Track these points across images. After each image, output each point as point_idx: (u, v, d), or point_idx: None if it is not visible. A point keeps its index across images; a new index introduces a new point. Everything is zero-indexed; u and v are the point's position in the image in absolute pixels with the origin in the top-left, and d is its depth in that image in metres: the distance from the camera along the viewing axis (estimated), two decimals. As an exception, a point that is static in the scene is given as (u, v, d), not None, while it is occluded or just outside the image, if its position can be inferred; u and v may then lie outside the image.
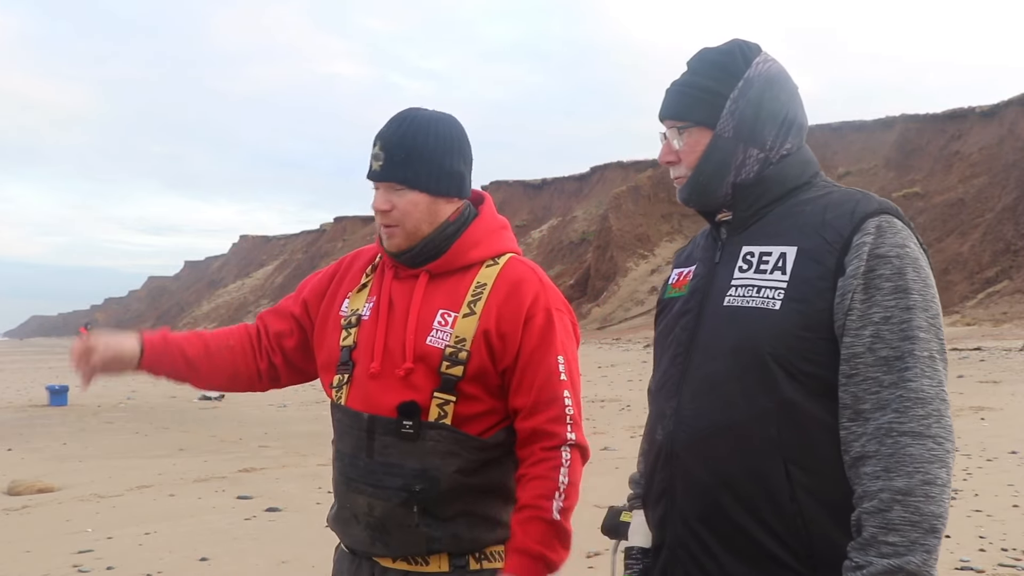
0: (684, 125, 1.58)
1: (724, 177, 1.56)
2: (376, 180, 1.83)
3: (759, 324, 1.45)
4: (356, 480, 1.80)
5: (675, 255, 1.80)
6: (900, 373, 1.37)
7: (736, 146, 1.55)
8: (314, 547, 1.51)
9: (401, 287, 1.87)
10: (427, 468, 1.76)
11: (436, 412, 1.77)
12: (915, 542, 1.31)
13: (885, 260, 1.41)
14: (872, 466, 1.36)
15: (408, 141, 1.82)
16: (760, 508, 1.43)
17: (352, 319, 1.89)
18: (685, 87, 1.60)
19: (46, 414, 15.26)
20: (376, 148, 1.83)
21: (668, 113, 1.61)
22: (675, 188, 1.62)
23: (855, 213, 1.46)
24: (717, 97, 1.56)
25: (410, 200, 1.82)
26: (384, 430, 1.77)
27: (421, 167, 1.82)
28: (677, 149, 1.60)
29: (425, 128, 1.84)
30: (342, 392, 1.85)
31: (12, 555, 5.61)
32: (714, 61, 1.59)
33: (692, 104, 1.58)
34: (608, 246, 58.11)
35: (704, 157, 1.56)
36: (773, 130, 1.56)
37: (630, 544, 1.72)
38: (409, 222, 1.83)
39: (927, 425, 1.35)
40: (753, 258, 1.52)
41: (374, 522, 1.79)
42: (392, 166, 1.81)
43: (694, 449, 1.50)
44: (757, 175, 1.56)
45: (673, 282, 1.70)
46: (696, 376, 1.52)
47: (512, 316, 1.80)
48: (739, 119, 1.55)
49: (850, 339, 1.40)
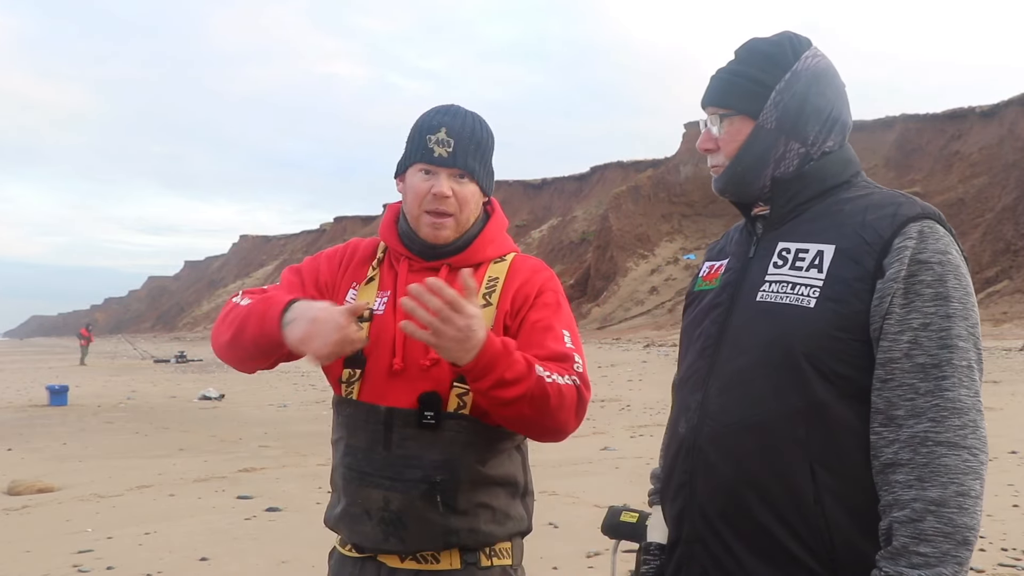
0: (726, 113, 1.56)
1: (763, 169, 1.54)
2: (445, 166, 1.82)
3: (793, 321, 1.43)
4: (372, 474, 1.78)
5: (707, 248, 1.79)
6: (937, 381, 1.35)
7: (777, 138, 1.54)
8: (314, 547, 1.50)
9: (418, 279, 1.78)
10: (448, 459, 1.75)
11: (455, 402, 1.77)
12: (947, 554, 1.30)
13: (927, 266, 1.39)
14: (905, 474, 1.34)
15: (477, 135, 1.85)
16: (783, 508, 1.41)
17: (364, 314, 1.83)
18: (731, 75, 1.58)
19: (46, 414, 15.25)
20: (441, 133, 1.82)
21: (711, 100, 1.59)
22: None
23: (897, 216, 1.44)
24: (762, 88, 1.54)
25: (471, 192, 1.85)
26: (403, 422, 1.76)
27: (482, 162, 1.86)
28: (717, 137, 1.58)
29: (482, 124, 1.88)
30: (353, 387, 1.82)
31: (12, 555, 5.61)
32: (762, 51, 1.57)
33: (736, 92, 1.56)
34: (608, 246, 58.07)
35: (744, 147, 1.55)
36: (816, 126, 1.54)
37: (648, 540, 1.71)
38: (464, 214, 1.85)
39: (963, 436, 1.33)
40: (789, 254, 1.50)
41: (390, 516, 1.77)
42: (464, 154, 1.82)
43: (718, 444, 1.48)
44: (796, 170, 1.54)
45: (704, 275, 1.68)
46: (725, 370, 1.50)
47: (524, 296, 1.83)
48: (783, 111, 1.53)
49: (887, 343, 1.38)
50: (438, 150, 1.81)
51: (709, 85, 1.61)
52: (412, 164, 1.86)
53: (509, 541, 1.85)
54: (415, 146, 1.85)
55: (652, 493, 1.76)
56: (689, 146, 58.44)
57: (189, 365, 34.71)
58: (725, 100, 1.57)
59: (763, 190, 1.56)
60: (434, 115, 1.86)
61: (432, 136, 1.82)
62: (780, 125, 1.53)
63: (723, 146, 1.57)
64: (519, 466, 1.88)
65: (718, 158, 1.59)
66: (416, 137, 1.86)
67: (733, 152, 1.56)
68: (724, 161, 1.58)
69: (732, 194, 1.60)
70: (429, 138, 1.83)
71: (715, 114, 1.58)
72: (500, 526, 1.83)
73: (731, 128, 1.56)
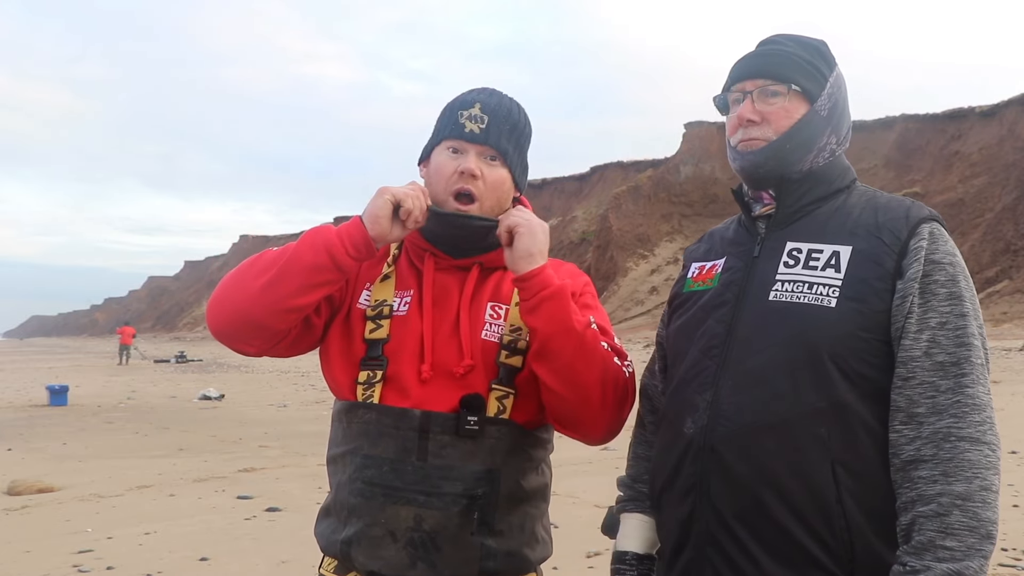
0: (784, 88, 1.52)
1: (806, 154, 1.53)
2: (476, 142, 1.66)
3: (815, 321, 1.42)
4: (401, 489, 1.58)
5: (686, 252, 1.77)
6: (957, 379, 1.37)
7: (826, 128, 1.54)
8: (314, 547, 1.50)
9: (447, 279, 1.70)
10: (490, 469, 1.59)
11: (495, 406, 1.62)
12: (972, 547, 1.30)
13: (940, 266, 1.41)
14: (929, 470, 1.34)
15: (514, 116, 1.70)
16: (803, 508, 1.40)
17: (383, 310, 1.68)
18: (790, 54, 1.54)
19: (46, 414, 15.23)
20: (475, 109, 1.67)
21: (768, 72, 1.53)
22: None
23: (909, 217, 1.46)
24: (819, 75, 1.54)
25: (501, 176, 1.68)
26: (442, 428, 1.58)
27: (517, 147, 1.71)
28: (763, 110, 1.54)
29: (520, 109, 1.73)
30: (374, 390, 1.63)
31: (12, 555, 5.60)
32: (809, 43, 1.58)
33: (798, 70, 1.53)
34: (608, 246, 58.08)
35: (797, 126, 1.52)
36: (846, 128, 1.58)
37: (622, 549, 1.65)
38: (491, 198, 1.68)
39: (983, 431, 1.35)
40: (800, 254, 1.49)
41: (421, 538, 1.57)
42: (498, 133, 1.67)
43: (735, 444, 1.45)
44: (824, 163, 1.55)
45: (694, 276, 1.66)
46: (738, 370, 1.48)
47: None
48: (833, 103, 1.55)
49: (909, 342, 1.39)
50: (470, 125, 1.66)
51: (759, 58, 1.56)
52: (440, 142, 1.70)
53: (535, 573, 1.71)
54: (445, 122, 1.70)
55: (623, 500, 1.71)
56: (689, 146, 58.47)
57: (189, 365, 34.71)
58: (787, 75, 1.53)
59: (798, 174, 1.54)
60: (470, 92, 1.72)
61: (465, 111, 1.68)
62: (830, 116, 1.55)
63: (774, 120, 1.53)
64: (548, 480, 1.75)
65: (761, 131, 1.53)
66: (448, 114, 1.71)
67: (784, 128, 1.52)
68: (770, 135, 1.53)
69: (768, 170, 1.54)
70: (461, 113, 1.68)
71: (768, 87, 1.53)
72: (532, 550, 1.69)
73: (787, 104, 1.53)
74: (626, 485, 1.72)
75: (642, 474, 1.72)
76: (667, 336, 1.72)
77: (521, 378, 1.65)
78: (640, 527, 1.65)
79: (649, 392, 1.78)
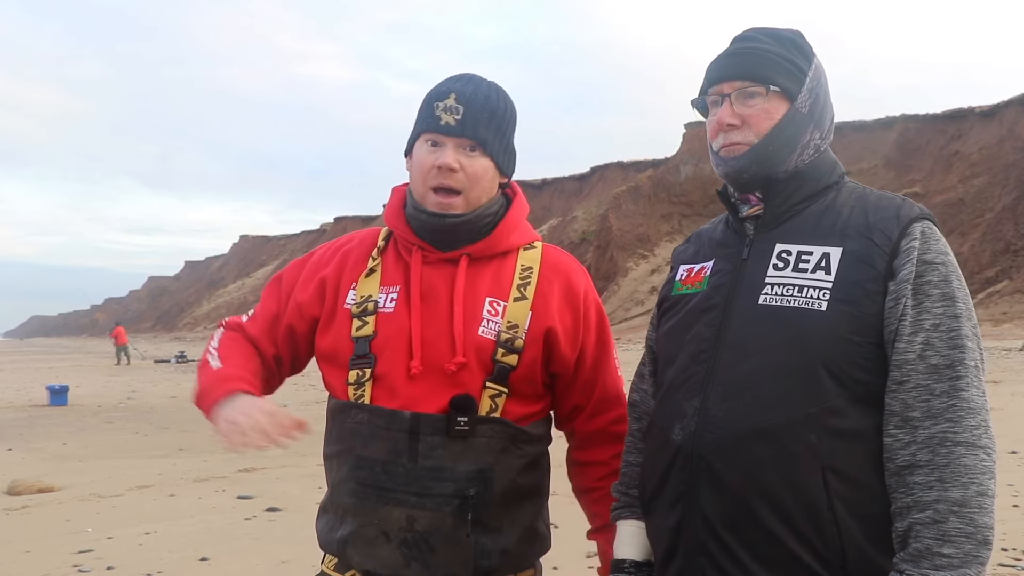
0: (762, 89, 1.48)
1: (790, 154, 1.49)
2: (452, 135, 1.62)
3: (806, 325, 1.39)
4: (393, 490, 1.58)
5: (674, 253, 1.72)
6: (952, 382, 1.34)
7: (808, 125, 1.50)
8: (314, 547, 1.50)
9: (435, 273, 1.67)
10: (482, 469, 1.59)
11: (488, 405, 1.61)
12: (969, 554, 1.29)
13: (932, 267, 1.38)
14: (924, 476, 1.32)
15: (491, 103, 1.65)
16: (794, 515, 1.37)
17: (367, 307, 1.66)
18: (766, 52, 1.50)
19: (46, 414, 15.23)
20: (450, 100, 1.63)
21: (746, 74, 1.49)
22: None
23: (900, 217, 1.43)
24: (799, 71, 1.50)
25: (482, 166, 1.65)
26: (432, 429, 1.57)
27: (497, 134, 1.66)
28: (742, 113, 1.50)
29: (499, 93, 1.68)
30: (364, 389, 1.63)
31: (12, 555, 5.60)
32: (786, 37, 1.53)
33: (776, 69, 1.49)
34: (608, 246, 58.06)
35: (779, 127, 1.48)
36: (829, 120, 1.54)
37: (620, 556, 1.63)
38: (475, 190, 1.65)
39: (978, 435, 1.33)
40: (790, 256, 1.46)
41: (414, 538, 1.58)
42: (475, 123, 1.62)
43: (725, 451, 1.41)
44: (810, 160, 1.51)
45: (683, 278, 1.62)
46: (728, 375, 1.44)
47: (572, 314, 1.70)
48: (814, 99, 1.51)
49: (903, 345, 1.36)
50: (445, 117, 1.62)
51: (734, 59, 1.52)
52: (419, 135, 1.67)
53: (533, 568, 1.73)
54: (423, 115, 1.67)
55: (617, 507, 1.69)
56: (689, 146, 58.42)
57: (189, 365, 34.67)
58: (766, 75, 1.48)
59: (784, 173, 1.50)
60: (445, 82, 1.67)
61: (440, 103, 1.64)
62: (811, 112, 1.51)
63: (755, 123, 1.49)
64: (546, 473, 1.75)
65: (742, 134, 1.49)
66: (424, 106, 1.67)
67: (766, 130, 1.48)
68: (752, 139, 1.49)
69: (753, 174, 1.50)
70: (437, 105, 1.64)
71: (746, 89, 1.49)
72: (530, 546, 1.70)
73: (767, 105, 1.48)
74: (620, 492, 1.70)
75: (634, 481, 1.69)
76: (656, 339, 1.68)
77: (516, 376, 1.64)
78: (637, 534, 1.62)
79: (635, 399, 1.74)
